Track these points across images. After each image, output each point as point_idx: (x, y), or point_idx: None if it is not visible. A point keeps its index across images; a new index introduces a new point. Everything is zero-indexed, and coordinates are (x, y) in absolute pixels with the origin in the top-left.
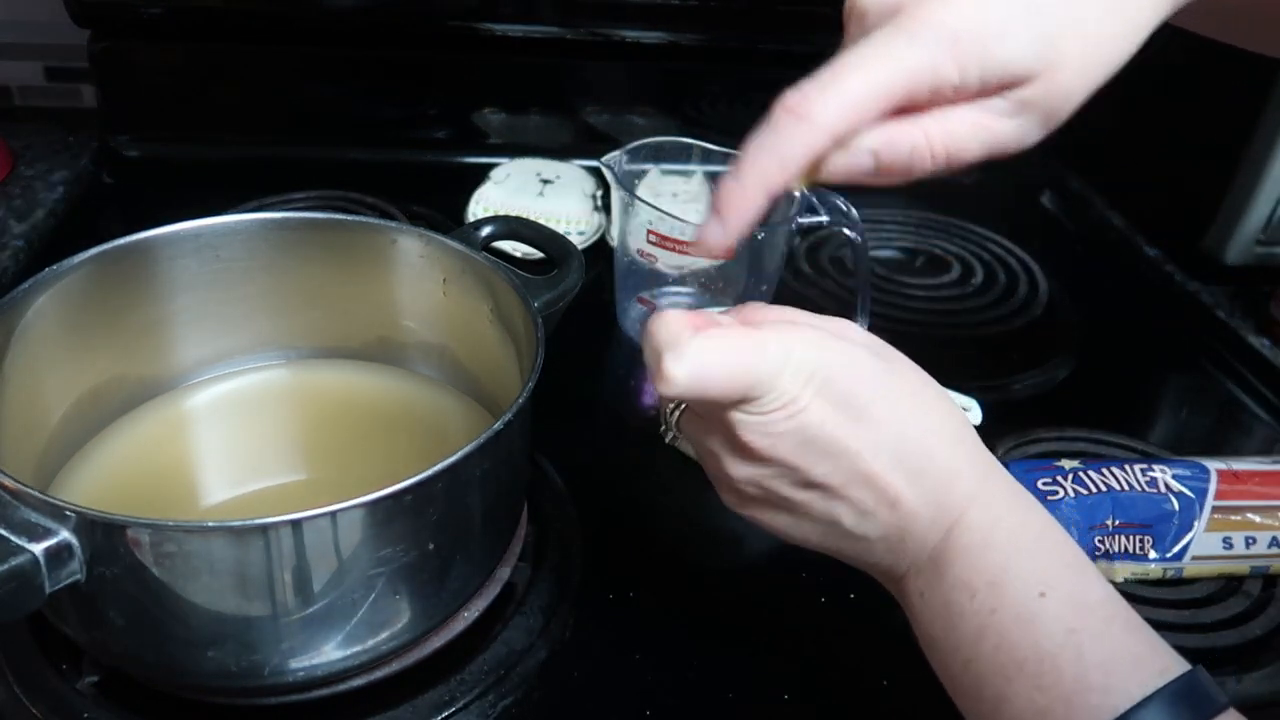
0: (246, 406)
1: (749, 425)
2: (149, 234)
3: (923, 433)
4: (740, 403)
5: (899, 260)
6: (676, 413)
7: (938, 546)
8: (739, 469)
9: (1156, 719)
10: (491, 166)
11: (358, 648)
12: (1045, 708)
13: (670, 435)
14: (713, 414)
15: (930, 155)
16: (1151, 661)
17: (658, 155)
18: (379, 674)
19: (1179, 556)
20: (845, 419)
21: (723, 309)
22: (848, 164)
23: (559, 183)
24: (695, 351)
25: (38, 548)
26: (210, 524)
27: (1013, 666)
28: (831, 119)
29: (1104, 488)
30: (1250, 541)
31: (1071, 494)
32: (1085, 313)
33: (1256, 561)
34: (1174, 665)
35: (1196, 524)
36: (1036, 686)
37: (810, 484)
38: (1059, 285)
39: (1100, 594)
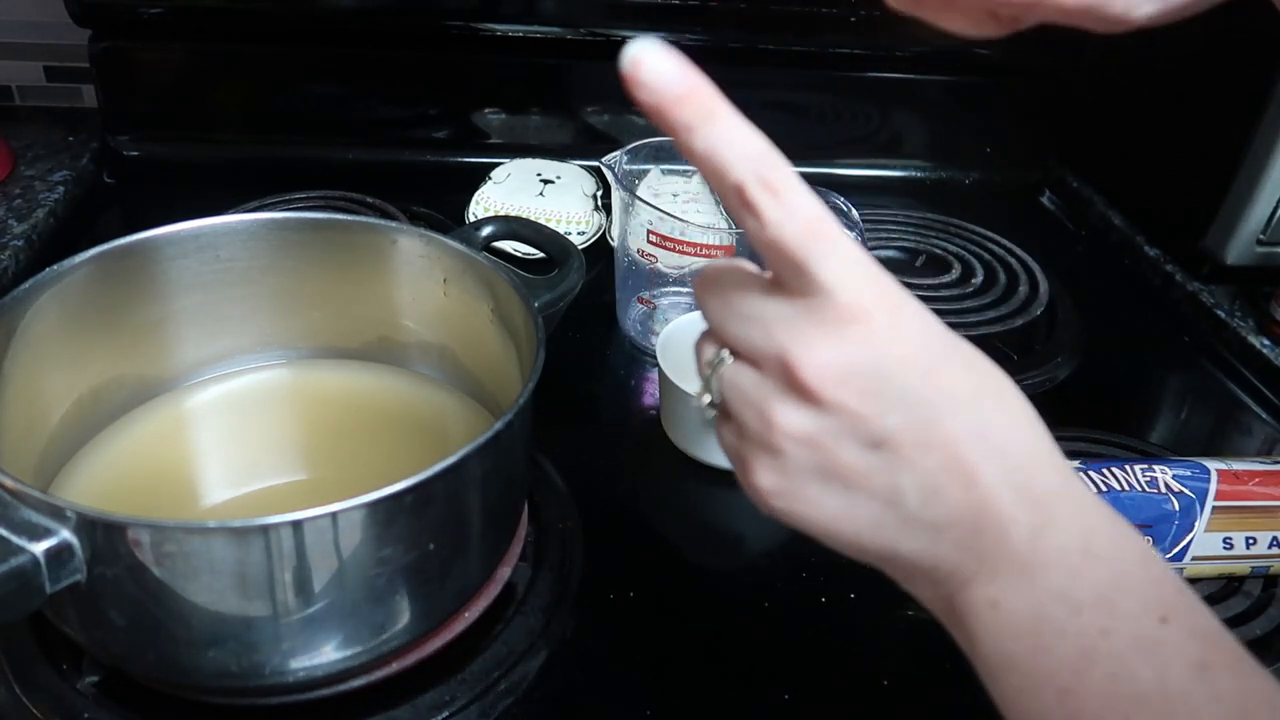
0: (247, 406)
1: (817, 328)
2: (149, 234)
3: (1000, 409)
4: (794, 289)
5: (899, 260)
6: (724, 362)
7: (1025, 545)
8: (792, 415)
9: None
10: (491, 166)
11: (358, 648)
12: None
13: (707, 399)
14: (769, 322)
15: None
16: None
17: (658, 155)
18: (379, 674)
19: (1179, 557)
20: (926, 365)
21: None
22: None
23: (559, 183)
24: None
25: (38, 548)
26: (210, 524)
27: (1132, 703)
28: None
29: (1104, 488)
30: (1250, 542)
31: None
32: (1085, 313)
33: (1257, 562)
34: None
35: (1197, 524)
36: None
37: (875, 442)
38: (1059, 285)
39: (1218, 626)
